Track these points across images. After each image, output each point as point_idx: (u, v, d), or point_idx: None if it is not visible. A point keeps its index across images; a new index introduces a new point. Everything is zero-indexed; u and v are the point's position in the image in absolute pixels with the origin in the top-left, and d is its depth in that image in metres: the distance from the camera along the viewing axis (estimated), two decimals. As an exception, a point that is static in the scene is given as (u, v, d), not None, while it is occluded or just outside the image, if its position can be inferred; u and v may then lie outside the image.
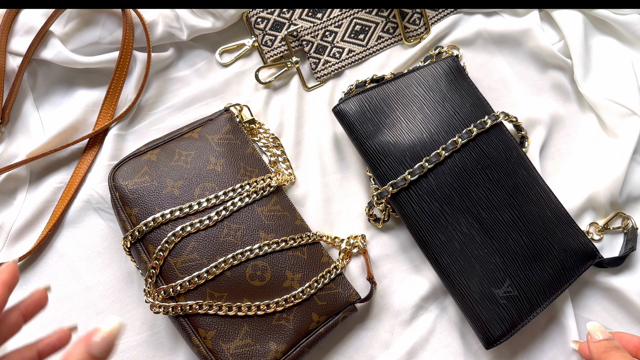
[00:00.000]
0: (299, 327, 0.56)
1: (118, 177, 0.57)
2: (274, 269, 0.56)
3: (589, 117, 0.69)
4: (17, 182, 0.64)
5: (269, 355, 0.54)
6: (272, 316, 0.55)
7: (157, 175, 0.57)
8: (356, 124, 0.60)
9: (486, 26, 0.70)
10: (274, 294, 0.56)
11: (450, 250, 0.57)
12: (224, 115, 0.63)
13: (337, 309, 0.58)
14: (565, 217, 0.60)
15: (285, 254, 0.57)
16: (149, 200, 0.56)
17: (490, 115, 0.61)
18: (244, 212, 0.58)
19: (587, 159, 0.66)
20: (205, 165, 0.58)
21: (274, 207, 0.59)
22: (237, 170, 0.59)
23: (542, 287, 0.57)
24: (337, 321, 0.58)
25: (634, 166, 0.66)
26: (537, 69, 0.70)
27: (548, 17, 0.71)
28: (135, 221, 0.56)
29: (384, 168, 0.59)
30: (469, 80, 0.64)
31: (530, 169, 0.61)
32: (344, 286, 0.59)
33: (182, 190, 0.57)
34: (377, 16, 0.70)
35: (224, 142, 0.61)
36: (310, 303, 0.57)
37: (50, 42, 0.64)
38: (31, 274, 0.62)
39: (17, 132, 0.66)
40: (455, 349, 0.61)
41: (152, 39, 0.67)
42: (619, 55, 0.69)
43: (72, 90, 0.68)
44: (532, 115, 0.68)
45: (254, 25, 0.69)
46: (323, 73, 0.69)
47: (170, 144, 0.60)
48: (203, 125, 0.62)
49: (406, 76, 0.63)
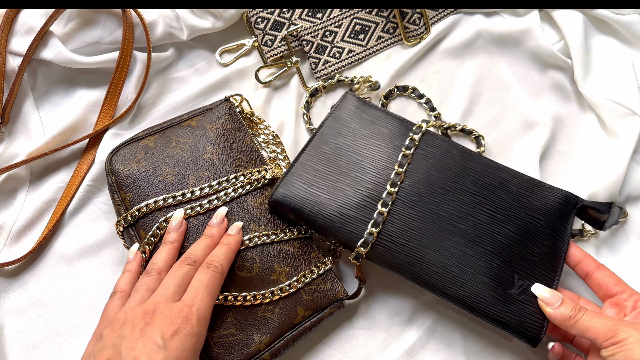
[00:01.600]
0: (284, 320, 0.56)
1: (115, 161, 0.58)
2: (263, 261, 0.56)
3: (589, 117, 0.69)
4: (17, 182, 0.64)
5: (252, 346, 0.54)
6: (257, 307, 0.55)
7: (153, 161, 0.58)
8: (300, 207, 0.57)
9: (486, 26, 0.70)
10: (261, 286, 0.56)
11: (452, 278, 0.55)
12: (224, 105, 0.63)
13: (324, 304, 0.58)
14: (530, 182, 0.59)
15: (274, 247, 0.57)
16: (143, 186, 0.56)
17: (414, 130, 0.60)
18: (237, 203, 0.57)
19: (587, 159, 0.66)
20: (201, 154, 0.58)
21: (267, 199, 0.59)
22: (232, 160, 0.59)
23: (547, 262, 0.56)
24: (323, 317, 0.58)
25: (633, 166, 0.66)
26: (537, 69, 0.70)
27: (548, 17, 0.71)
28: (129, 206, 0.56)
29: (347, 233, 0.56)
30: (376, 107, 0.62)
31: (477, 157, 0.59)
32: (332, 282, 0.58)
33: (176, 178, 0.57)
34: (377, 16, 0.70)
35: (222, 131, 0.61)
36: (297, 297, 0.56)
37: (50, 42, 0.64)
38: (31, 274, 0.62)
39: (17, 132, 0.66)
40: (457, 349, 0.61)
41: (152, 39, 0.67)
42: (619, 55, 0.69)
43: (72, 90, 0.68)
44: (532, 115, 0.68)
45: (254, 25, 0.69)
46: (323, 73, 0.69)
47: (168, 131, 0.60)
48: (202, 114, 0.62)
49: (318, 135, 0.61)
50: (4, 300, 0.61)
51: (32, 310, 0.61)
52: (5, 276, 0.62)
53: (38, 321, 0.61)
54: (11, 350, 0.59)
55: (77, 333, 0.60)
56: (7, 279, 0.62)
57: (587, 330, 0.49)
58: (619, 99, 0.66)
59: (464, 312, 0.58)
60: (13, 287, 0.62)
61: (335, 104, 0.64)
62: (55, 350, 0.60)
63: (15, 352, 0.59)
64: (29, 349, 0.60)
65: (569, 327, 0.51)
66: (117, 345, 0.44)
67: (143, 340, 0.44)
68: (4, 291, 0.61)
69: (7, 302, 0.61)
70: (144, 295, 0.49)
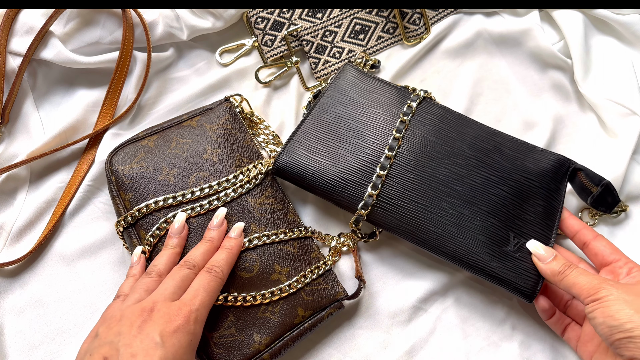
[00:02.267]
0: (284, 320, 0.55)
1: (115, 162, 0.57)
2: (263, 262, 0.56)
3: (589, 117, 0.69)
4: (17, 182, 0.64)
5: (252, 347, 0.54)
6: (257, 308, 0.55)
7: (153, 161, 0.57)
8: (302, 173, 0.59)
9: (486, 26, 0.70)
10: (261, 286, 0.55)
11: (449, 237, 0.57)
12: (224, 105, 0.63)
13: (324, 304, 0.57)
14: (524, 146, 0.61)
15: (274, 247, 0.57)
16: (143, 187, 0.56)
17: (411, 97, 0.62)
18: (237, 203, 0.57)
19: (587, 159, 0.66)
20: (201, 154, 0.58)
21: (267, 199, 0.59)
22: (232, 160, 0.59)
23: (543, 221, 0.58)
24: (323, 317, 0.57)
25: (633, 166, 0.66)
26: (537, 69, 0.70)
27: (548, 17, 0.71)
28: (129, 206, 0.56)
29: (347, 196, 0.58)
30: (374, 77, 0.64)
31: (473, 123, 0.62)
32: (332, 282, 0.58)
33: (176, 178, 0.57)
34: (377, 16, 0.70)
35: (222, 132, 0.60)
36: (297, 297, 0.56)
37: (50, 42, 0.64)
38: (31, 274, 0.62)
39: (17, 132, 0.66)
40: (457, 349, 0.61)
41: (152, 39, 0.67)
42: (619, 55, 0.69)
43: (72, 90, 0.68)
44: (532, 115, 0.68)
45: (254, 25, 0.69)
46: (323, 73, 0.69)
47: (168, 131, 0.60)
48: (202, 114, 0.62)
49: (318, 104, 0.63)
50: (4, 300, 0.61)
51: (32, 310, 0.61)
52: (5, 276, 0.62)
53: (38, 321, 0.61)
54: (11, 350, 0.59)
55: (77, 333, 0.60)
56: (7, 279, 0.62)
57: (572, 286, 0.50)
58: (619, 98, 0.66)
59: (462, 270, 0.60)
60: (13, 287, 0.62)
61: (334, 75, 0.66)
62: (55, 350, 0.60)
63: (15, 352, 0.59)
64: (29, 349, 0.60)
65: (557, 282, 0.52)
66: (114, 342, 0.44)
67: (141, 337, 0.44)
68: (4, 291, 0.61)
69: (7, 302, 0.61)
70: (142, 295, 0.49)
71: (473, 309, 0.62)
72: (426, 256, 0.63)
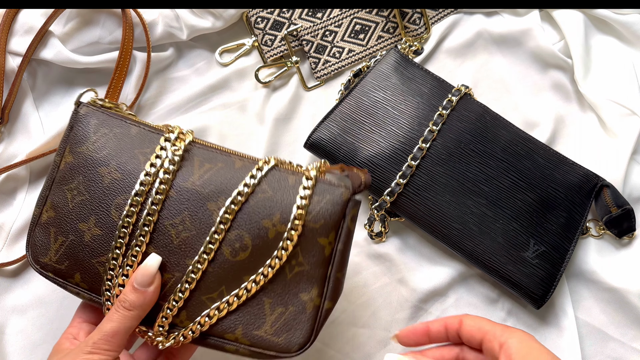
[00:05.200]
0: (316, 261, 0.47)
1: (38, 257, 0.49)
2: (249, 229, 0.46)
3: (589, 117, 0.69)
4: (16, 182, 0.64)
5: (308, 308, 0.47)
6: (282, 272, 0.47)
7: (64, 228, 0.48)
8: (334, 151, 0.61)
9: (486, 26, 0.70)
10: (268, 251, 0.47)
11: (470, 235, 0.58)
12: (81, 114, 0.49)
13: (339, 215, 0.47)
14: (555, 157, 0.62)
15: (248, 207, 0.46)
16: (81, 258, 0.48)
17: (453, 92, 0.62)
18: (173, 198, 0.47)
19: (587, 159, 0.66)
20: (101, 182, 0.47)
21: (201, 168, 0.48)
22: (137, 160, 0.47)
23: (563, 232, 0.59)
24: (349, 226, 0.47)
25: (633, 166, 0.66)
26: (537, 69, 0.70)
27: (548, 17, 0.71)
28: (87, 287, 0.49)
29: (375, 181, 0.60)
30: (418, 66, 0.65)
31: (508, 126, 0.62)
32: (328, 190, 0.47)
33: (100, 225, 0.47)
34: (377, 16, 0.70)
35: (101, 141, 0.48)
36: (309, 232, 0.47)
37: (50, 42, 0.64)
38: (31, 274, 0.62)
39: (16, 132, 0.66)
40: (455, 349, 0.61)
41: (152, 39, 0.67)
42: (619, 55, 0.69)
43: (72, 90, 0.68)
44: (532, 115, 0.68)
45: (253, 25, 0.69)
46: (323, 73, 0.69)
47: (54, 190, 0.49)
48: (69, 142, 0.49)
49: (359, 85, 0.63)
50: (6, 299, 0.61)
51: (34, 310, 0.61)
52: (6, 276, 0.62)
53: (39, 320, 0.61)
54: (12, 349, 0.60)
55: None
56: (9, 278, 0.62)
57: None
58: (619, 98, 0.66)
59: (477, 269, 0.61)
60: (14, 286, 0.62)
61: (378, 58, 0.66)
62: (56, 349, 0.60)
63: (16, 351, 0.60)
64: (30, 348, 0.60)
65: None
66: None
67: None
68: (5, 290, 0.62)
69: (9, 301, 0.61)
70: None
71: (473, 309, 0.62)
72: (427, 256, 0.63)
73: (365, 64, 0.68)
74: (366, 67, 0.68)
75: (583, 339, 0.61)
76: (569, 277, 0.63)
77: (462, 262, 0.63)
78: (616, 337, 0.61)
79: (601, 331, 0.61)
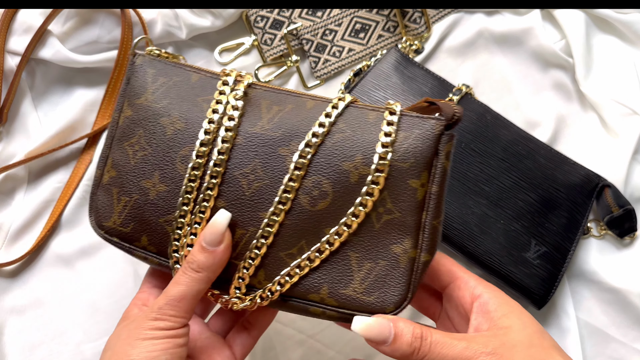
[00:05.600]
0: (407, 206, 0.41)
1: (102, 221, 0.45)
2: (327, 174, 0.41)
3: (590, 117, 0.68)
4: (15, 182, 0.64)
5: (402, 261, 0.41)
6: (369, 221, 0.41)
7: (127, 187, 0.44)
8: None
9: (487, 25, 0.70)
10: (351, 198, 0.41)
11: (470, 235, 0.58)
12: (137, 64, 0.46)
13: (431, 152, 0.41)
14: (557, 157, 0.62)
15: (325, 149, 0.41)
16: (146, 218, 0.44)
17: (453, 91, 0.62)
18: (241, 145, 0.42)
19: (588, 159, 0.66)
20: (163, 134, 0.43)
21: (270, 111, 0.43)
22: (199, 108, 0.43)
23: (564, 233, 0.59)
24: (444, 164, 0.41)
25: (635, 166, 0.65)
26: (538, 68, 0.70)
27: (549, 16, 0.70)
28: (156, 250, 0.45)
29: None
30: (419, 65, 0.64)
31: (509, 126, 0.62)
32: (416, 124, 0.41)
33: (165, 180, 0.43)
34: (377, 15, 0.70)
35: (161, 91, 0.45)
36: (397, 172, 0.41)
37: (49, 41, 0.64)
38: (30, 274, 0.62)
39: (15, 131, 0.65)
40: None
41: (151, 38, 0.67)
42: (620, 55, 0.69)
43: (71, 89, 0.68)
44: (534, 114, 0.67)
45: (253, 24, 0.69)
46: (323, 72, 0.69)
47: (115, 148, 0.46)
48: (126, 96, 0.46)
49: (359, 85, 0.63)
50: (4, 300, 0.61)
51: (32, 310, 0.61)
52: (5, 276, 0.62)
53: (38, 321, 0.61)
54: (11, 350, 0.60)
55: (77, 333, 0.60)
56: (7, 279, 0.62)
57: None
58: (620, 98, 0.66)
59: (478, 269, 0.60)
60: (13, 286, 0.62)
61: (379, 57, 0.66)
62: (55, 350, 0.60)
63: (15, 351, 0.60)
64: (29, 349, 0.60)
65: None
66: None
67: None
68: (3, 291, 0.61)
69: (7, 301, 0.61)
70: None
71: (473, 310, 0.62)
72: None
73: (366, 63, 0.67)
74: (366, 67, 0.67)
75: (584, 339, 0.61)
76: (570, 277, 0.62)
77: (462, 263, 0.62)
78: (617, 337, 0.61)
79: (602, 332, 0.61)
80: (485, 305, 0.41)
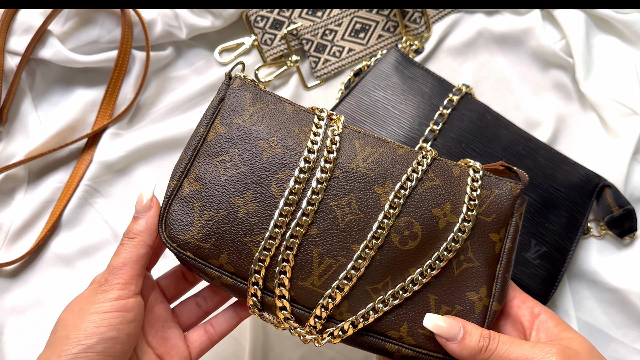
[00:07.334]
0: (486, 257, 0.45)
1: (177, 233, 0.44)
2: (419, 216, 0.44)
3: (591, 117, 0.68)
4: (15, 182, 0.64)
5: (477, 308, 0.44)
6: (450, 267, 0.44)
7: (214, 203, 0.44)
8: None
9: (487, 25, 0.70)
10: (436, 242, 0.44)
11: None
12: (234, 86, 0.47)
13: (509, 211, 0.46)
14: (557, 157, 0.62)
15: (417, 194, 0.45)
16: (231, 236, 0.43)
17: (454, 91, 0.62)
18: (339, 178, 0.44)
19: (588, 159, 0.66)
20: (260, 156, 0.45)
21: (364, 151, 0.46)
22: (296, 138, 0.45)
23: (564, 233, 0.59)
24: (517, 224, 0.46)
25: (635, 166, 0.65)
26: (538, 68, 0.70)
27: (549, 16, 0.70)
28: (233, 269, 0.44)
29: None
30: (419, 65, 0.64)
31: (509, 126, 0.62)
32: (496, 185, 0.46)
33: (257, 201, 0.44)
34: (377, 15, 0.70)
35: (258, 115, 0.46)
36: (480, 226, 0.45)
37: (49, 41, 0.64)
38: (30, 274, 0.62)
39: (15, 131, 0.65)
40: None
41: (151, 38, 0.67)
42: (620, 55, 0.69)
43: (71, 89, 0.68)
44: (534, 114, 0.67)
45: (253, 24, 0.69)
46: (323, 72, 0.69)
47: (199, 162, 0.45)
48: (219, 113, 0.47)
49: (359, 85, 0.63)
50: (4, 300, 0.61)
51: (32, 310, 0.61)
52: (5, 276, 0.62)
53: (38, 321, 0.61)
54: (11, 350, 0.59)
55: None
56: (7, 279, 0.62)
57: None
58: (620, 98, 0.66)
59: None
60: (13, 286, 0.62)
61: (379, 57, 0.66)
62: (55, 350, 0.60)
63: (14, 352, 0.60)
64: (29, 349, 0.60)
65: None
66: None
67: None
68: (3, 291, 0.61)
69: (7, 302, 0.61)
70: None
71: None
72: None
73: (366, 63, 0.67)
74: (366, 66, 0.67)
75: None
76: (570, 277, 0.62)
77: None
78: (617, 337, 0.61)
79: (602, 332, 0.61)
80: (545, 323, 0.43)
